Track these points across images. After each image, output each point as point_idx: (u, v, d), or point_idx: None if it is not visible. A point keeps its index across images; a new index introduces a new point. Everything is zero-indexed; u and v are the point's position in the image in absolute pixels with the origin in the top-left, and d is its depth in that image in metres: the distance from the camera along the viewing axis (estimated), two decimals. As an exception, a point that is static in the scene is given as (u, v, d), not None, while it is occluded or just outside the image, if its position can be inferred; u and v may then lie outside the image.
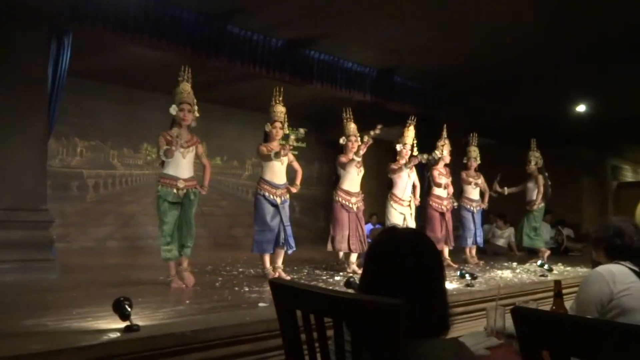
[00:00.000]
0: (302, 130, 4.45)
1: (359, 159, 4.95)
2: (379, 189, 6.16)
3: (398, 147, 5.51)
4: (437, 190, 6.04)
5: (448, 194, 6.14)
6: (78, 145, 7.62)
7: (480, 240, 6.51)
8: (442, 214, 6.02)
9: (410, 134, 5.56)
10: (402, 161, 5.46)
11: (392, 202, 5.43)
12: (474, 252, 6.44)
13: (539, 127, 9.14)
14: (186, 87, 3.97)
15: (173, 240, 3.86)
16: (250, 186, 9.37)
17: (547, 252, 6.57)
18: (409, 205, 5.48)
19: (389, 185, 5.52)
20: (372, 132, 4.79)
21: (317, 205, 9.90)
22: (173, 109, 3.90)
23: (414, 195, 5.58)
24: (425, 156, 5.73)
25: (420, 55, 6.74)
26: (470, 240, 6.38)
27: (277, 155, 4.32)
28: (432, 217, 5.99)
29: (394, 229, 1.21)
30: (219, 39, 5.72)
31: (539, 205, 6.48)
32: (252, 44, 6.00)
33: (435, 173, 6.05)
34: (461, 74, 7.40)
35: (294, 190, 4.57)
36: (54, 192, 7.00)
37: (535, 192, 6.48)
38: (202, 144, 4.18)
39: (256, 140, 4.98)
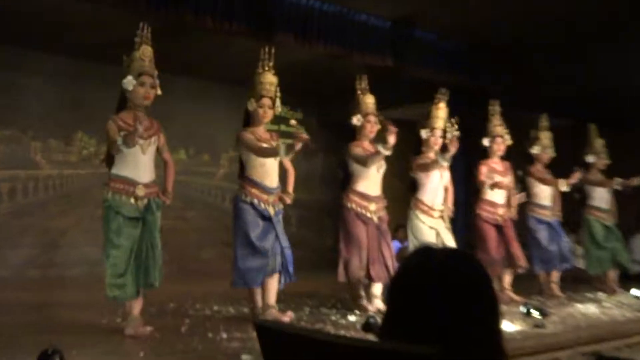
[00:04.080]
0: (293, 121, 4.55)
1: (388, 152, 4.84)
2: (404, 190, 6.18)
3: (424, 133, 5.48)
4: (489, 194, 5.99)
5: (507, 198, 6.07)
6: (-14, 135, 7.81)
7: (569, 261, 6.48)
8: (499, 227, 5.98)
9: (441, 114, 5.52)
10: (431, 153, 5.45)
11: (417, 212, 5.42)
12: (555, 278, 6.39)
13: (616, 105, 9.02)
14: (147, 52, 4.00)
15: (128, 272, 3.86)
16: (227, 189, 9.00)
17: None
18: (442, 217, 5.48)
19: (412, 187, 5.51)
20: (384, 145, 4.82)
21: (321, 215, 9.84)
22: (129, 83, 3.92)
23: (446, 203, 5.58)
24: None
25: (455, 4, 6.70)
26: (549, 265, 6.32)
27: (289, 150, 4.31)
28: (483, 232, 5.94)
29: (428, 249, 1.24)
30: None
31: None
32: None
33: (485, 169, 5.98)
34: (513, 30, 7.33)
35: (287, 200, 4.57)
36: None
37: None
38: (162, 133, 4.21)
39: (234, 125, 4.97)
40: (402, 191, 6.30)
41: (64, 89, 7.90)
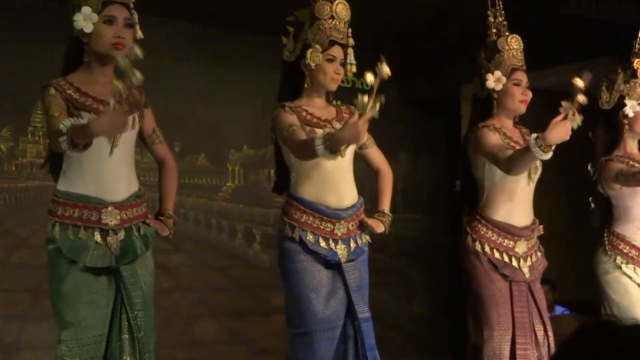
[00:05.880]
0: (370, 76, 4.07)
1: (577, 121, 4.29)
2: (560, 216, 6.46)
3: (630, 108, 5.43)
4: None
5: None
6: None
7: None
8: None
9: None
10: (636, 146, 5.52)
11: (619, 259, 5.40)
12: None
13: None
14: None
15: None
16: (241, 216, 9.34)
17: None
18: None
19: (601, 211, 5.60)
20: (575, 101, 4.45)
21: (404, 263, 9.72)
22: (87, 20, 3.86)
23: None
24: None
25: None
26: None
27: (333, 147, 4.03)
28: None
29: (609, 326, 1.41)
30: None
31: None
32: None
33: None
34: None
35: (379, 227, 4.50)
36: None
37: None
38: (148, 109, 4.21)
39: (255, 103, 5.14)
40: (552, 216, 6.51)
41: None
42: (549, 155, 4.37)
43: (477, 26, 5.27)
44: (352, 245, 4.44)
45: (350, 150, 4.43)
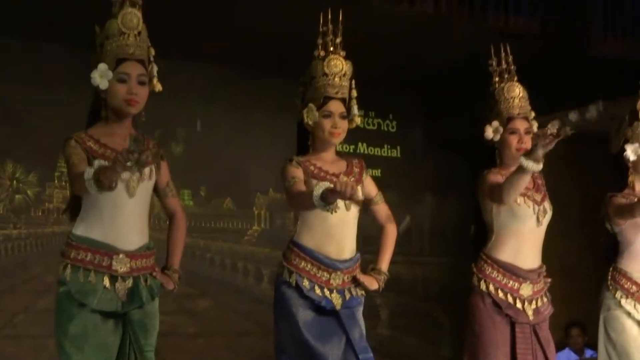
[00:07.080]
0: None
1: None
2: (589, 258, 6.49)
3: (631, 152, 5.33)
4: None
5: None
6: None
7: None
8: None
9: None
10: None
11: (619, 296, 5.24)
12: None
13: None
14: (131, 18, 3.98)
15: None
16: (267, 260, 9.16)
17: None
18: None
19: (610, 251, 5.43)
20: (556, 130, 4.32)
21: (429, 304, 9.78)
22: (101, 77, 3.90)
23: None
24: None
25: None
26: None
27: (328, 199, 3.94)
28: None
29: None
30: None
31: None
32: None
33: None
34: None
35: (372, 284, 4.44)
36: None
37: None
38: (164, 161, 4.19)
39: (281, 146, 5.41)
40: (575, 259, 6.91)
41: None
42: (540, 167, 4.31)
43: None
44: (347, 295, 4.42)
45: (356, 208, 4.47)
